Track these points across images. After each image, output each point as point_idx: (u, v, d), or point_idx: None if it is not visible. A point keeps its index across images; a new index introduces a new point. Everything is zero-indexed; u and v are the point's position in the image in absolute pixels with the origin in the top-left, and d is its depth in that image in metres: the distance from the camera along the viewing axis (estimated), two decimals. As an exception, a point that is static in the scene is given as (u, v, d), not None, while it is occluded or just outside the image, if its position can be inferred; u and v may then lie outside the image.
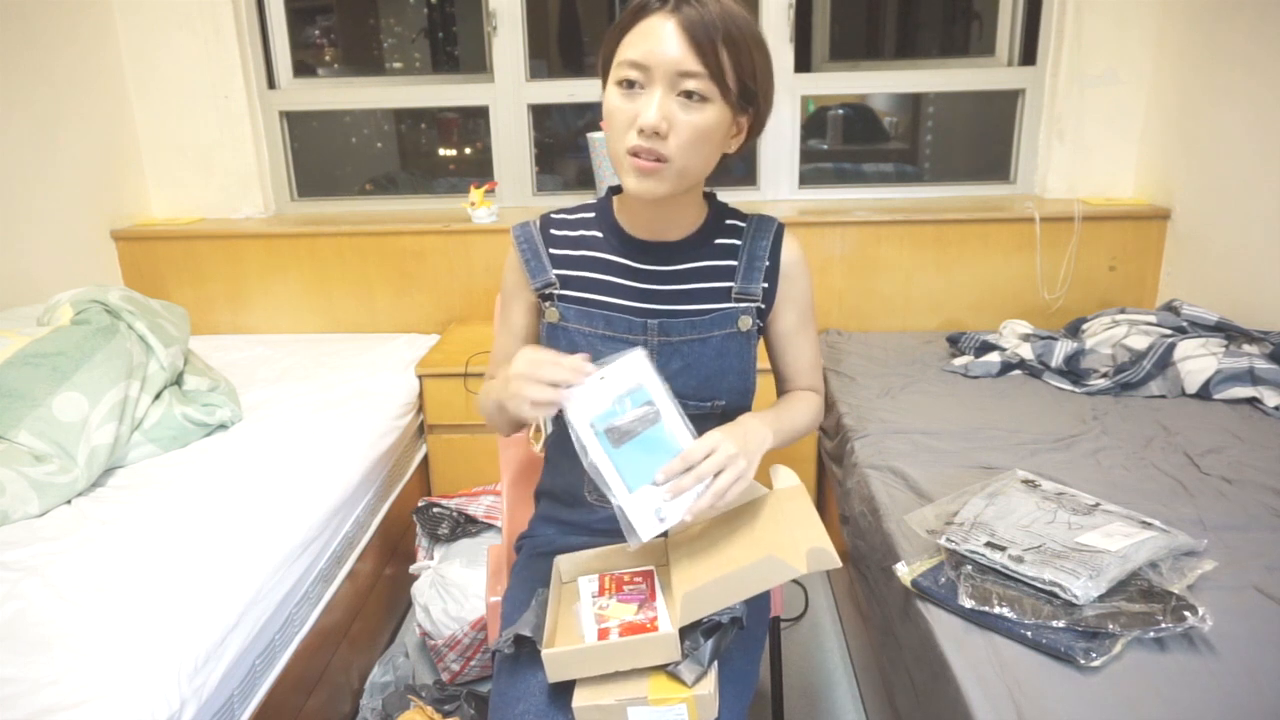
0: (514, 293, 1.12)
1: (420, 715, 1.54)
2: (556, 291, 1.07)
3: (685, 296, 1.06)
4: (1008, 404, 1.81)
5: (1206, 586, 1.09)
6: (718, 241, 1.08)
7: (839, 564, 0.87)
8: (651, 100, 0.90)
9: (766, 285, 1.08)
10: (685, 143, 0.92)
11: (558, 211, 1.12)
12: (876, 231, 2.37)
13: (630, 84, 0.92)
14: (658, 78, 0.90)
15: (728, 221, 1.10)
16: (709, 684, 0.87)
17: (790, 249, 1.10)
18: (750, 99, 0.96)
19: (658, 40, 0.89)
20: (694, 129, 0.92)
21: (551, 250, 1.08)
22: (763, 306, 1.09)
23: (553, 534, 1.17)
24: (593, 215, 1.10)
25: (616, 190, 1.09)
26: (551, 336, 1.07)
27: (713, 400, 1.08)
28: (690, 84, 0.90)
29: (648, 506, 0.89)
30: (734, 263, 1.07)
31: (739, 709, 0.97)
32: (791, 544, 0.88)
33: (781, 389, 1.20)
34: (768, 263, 1.08)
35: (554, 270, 1.08)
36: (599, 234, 1.08)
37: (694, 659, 0.87)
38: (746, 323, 1.07)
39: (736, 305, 1.07)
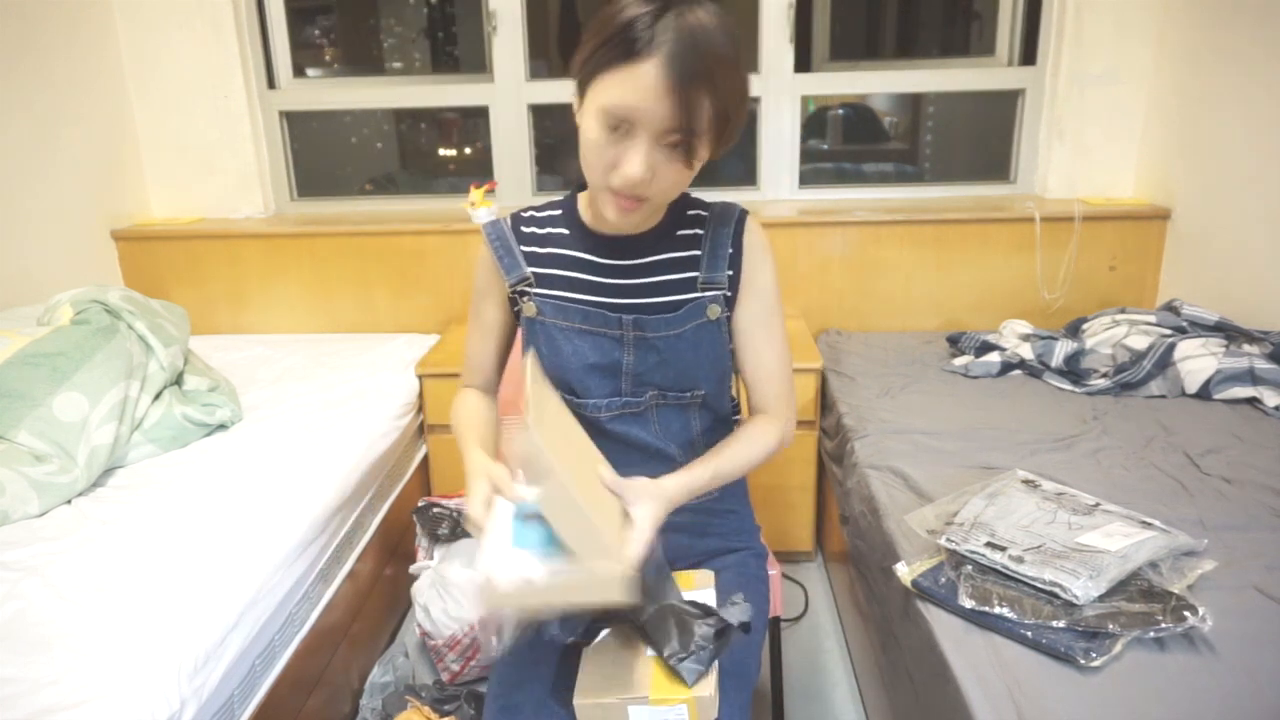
0: (486, 290, 1.13)
1: (418, 715, 1.54)
2: (532, 289, 1.08)
3: (654, 289, 1.06)
4: (1008, 404, 1.81)
5: (1206, 586, 1.09)
6: (680, 232, 1.08)
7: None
8: (637, 152, 0.88)
9: (731, 273, 1.07)
10: (667, 187, 0.93)
11: (526, 210, 1.13)
12: (876, 231, 2.37)
13: (615, 127, 0.89)
14: (643, 129, 0.88)
15: (690, 212, 1.09)
16: (709, 685, 0.87)
17: (752, 234, 1.08)
18: (730, 136, 0.94)
19: (647, 95, 0.85)
20: (677, 175, 0.92)
21: (523, 247, 1.09)
22: (729, 294, 1.08)
23: None
24: (559, 213, 1.11)
25: (583, 187, 1.09)
26: (530, 331, 1.08)
27: (693, 390, 1.08)
28: (677, 139, 0.88)
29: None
30: (698, 252, 1.07)
31: (739, 704, 0.97)
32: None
33: (749, 400, 1.14)
34: (730, 249, 1.07)
35: (528, 267, 1.08)
36: (565, 231, 1.09)
37: (696, 659, 0.87)
38: (715, 311, 1.06)
39: (704, 295, 1.06)
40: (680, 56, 0.84)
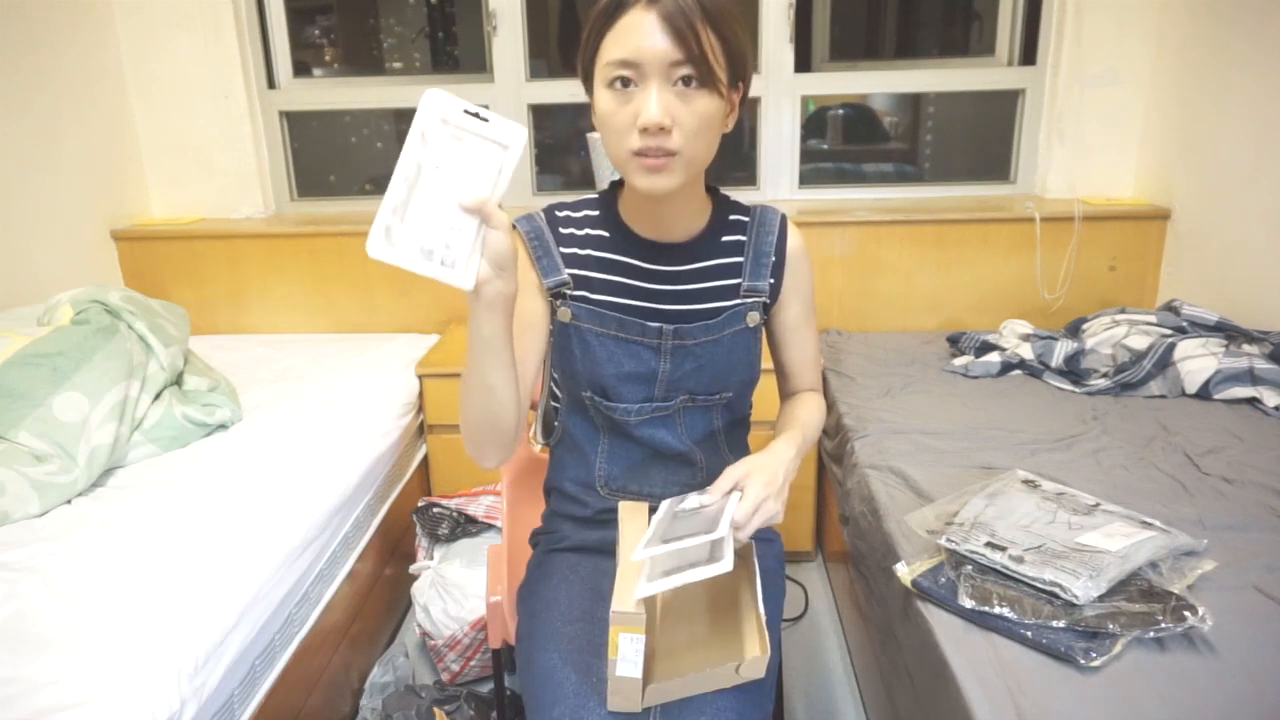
0: (522, 284, 1.04)
1: None
2: (570, 292, 1.05)
3: (695, 296, 1.06)
4: (1008, 404, 1.81)
5: (1206, 586, 1.09)
6: (725, 239, 1.08)
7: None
8: (649, 97, 0.88)
9: (773, 280, 1.10)
10: (690, 133, 0.90)
11: (560, 207, 1.09)
12: (876, 231, 2.37)
13: (624, 83, 0.89)
14: (651, 73, 0.88)
15: (731, 217, 1.10)
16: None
17: (794, 241, 1.12)
18: (741, 75, 0.94)
19: (642, 34, 0.87)
20: (697, 117, 0.90)
21: (562, 249, 1.06)
22: (768, 302, 1.10)
23: (569, 530, 1.17)
24: (596, 213, 1.08)
25: (618, 185, 1.08)
26: (563, 335, 1.06)
27: (721, 393, 1.09)
28: (684, 72, 0.88)
29: None
30: (740, 259, 1.08)
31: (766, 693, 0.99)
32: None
33: (783, 385, 1.20)
34: (773, 258, 1.09)
35: (566, 269, 1.05)
36: (605, 233, 1.06)
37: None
38: (754, 319, 1.08)
39: (745, 301, 1.08)
40: None
